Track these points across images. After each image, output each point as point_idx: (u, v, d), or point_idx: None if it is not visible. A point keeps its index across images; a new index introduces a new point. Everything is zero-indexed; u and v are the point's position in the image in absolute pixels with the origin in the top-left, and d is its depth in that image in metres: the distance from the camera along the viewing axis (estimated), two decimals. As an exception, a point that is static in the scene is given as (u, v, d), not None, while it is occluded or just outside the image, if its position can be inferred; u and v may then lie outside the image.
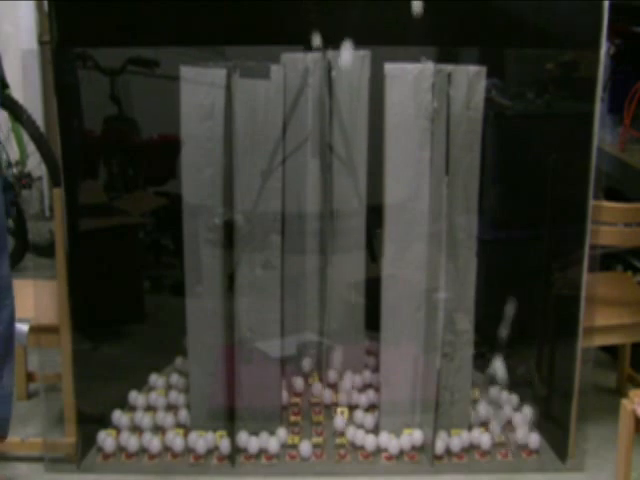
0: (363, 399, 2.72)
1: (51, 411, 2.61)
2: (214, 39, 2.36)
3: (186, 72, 2.43)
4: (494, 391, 2.77)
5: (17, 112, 3.88)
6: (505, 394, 2.76)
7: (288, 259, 2.65)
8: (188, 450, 2.53)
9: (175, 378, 2.81)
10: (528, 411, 2.64)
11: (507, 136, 2.87)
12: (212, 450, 2.53)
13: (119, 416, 2.65)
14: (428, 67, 2.41)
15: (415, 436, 2.54)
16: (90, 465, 2.49)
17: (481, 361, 2.82)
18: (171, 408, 2.71)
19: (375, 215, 2.64)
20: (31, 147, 3.96)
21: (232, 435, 2.49)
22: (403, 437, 2.54)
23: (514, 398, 2.74)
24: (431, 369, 2.49)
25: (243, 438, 2.53)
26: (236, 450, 2.50)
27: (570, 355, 2.42)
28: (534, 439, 2.55)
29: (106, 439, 2.52)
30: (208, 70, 2.41)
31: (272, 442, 2.52)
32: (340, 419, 2.62)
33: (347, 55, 2.28)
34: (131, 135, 3.08)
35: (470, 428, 2.59)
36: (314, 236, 2.82)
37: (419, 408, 2.59)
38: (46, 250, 3.64)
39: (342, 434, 2.60)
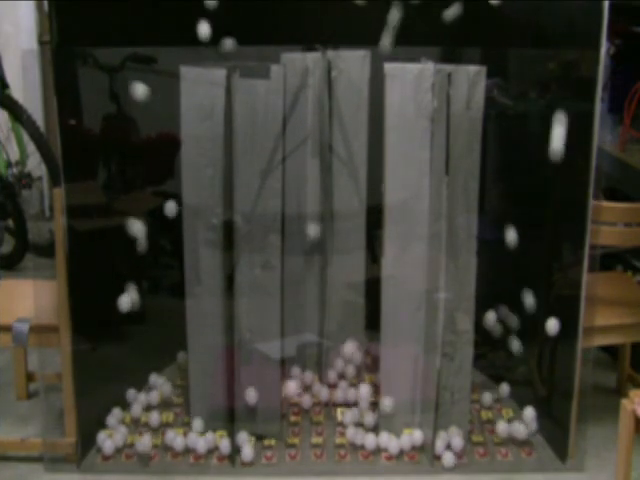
0: (363, 399, 2.73)
1: (51, 411, 2.61)
2: (214, 39, 2.36)
3: (186, 72, 2.43)
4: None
5: (17, 112, 3.88)
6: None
7: (288, 259, 2.65)
8: (188, 450, 2.53)
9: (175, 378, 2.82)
10: (529, 411, 2.63)
11: (508, 136, 2.87)
12: (212, 450, 2.53)
13: (119, 416, 2.66)
14: (428, 67, 2.41)
15: (415, 436, 2.54)
16: (90, 465, 2.49)
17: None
18: (171, 408, 2.72)
19: (375, 215, 2.64)
20: (31, 147, 3.96)
21: (232, 435, 2.49)
22: (403, 437, 2.54)
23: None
24: (431, 369, 2.49)
25: (243, 438, 2.53)
26: (236, 450, 2.50)
27: (570, 355, 2.42)
28: (534, 439, 2.55)
29: (106, 440, 2.52)
30: (208, 70, 2.41)
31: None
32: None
33: None
34: (130, 133, 3.08)
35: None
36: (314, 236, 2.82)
37: (419, 408, 2.59)
38: (46, 250, 3.63)
39: (342, 434, 2.61)
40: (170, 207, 2.52)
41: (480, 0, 2.29)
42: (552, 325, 2.42)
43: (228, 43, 2.35)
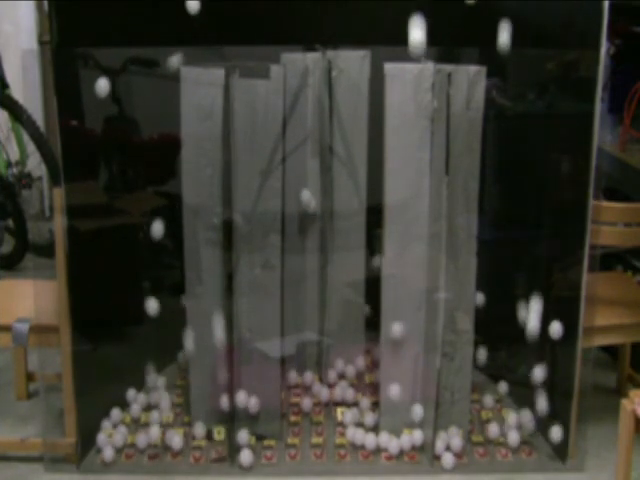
0: (363, 399, 2.73)
1: (51, 411, 2.61)
2: (214, 39, 2.36)
3: (186, 72, 2.43)
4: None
5: (17, 112, 3.88)
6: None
7: (288, 259, 2.65)
8: (188, 450, 2.53)
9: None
10: (526, 414, 2.63)
11: (507, 136, 2.87)
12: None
13: (119, 416, 2.66)
14: (428, 67, 2.41)
15: (415, 436, 2.54)
16: (90, 465, 2.49)
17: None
18: (171, 408, 2.72)
19: (375, 215, 2.64)
20: (31, 147, 3.96)
21: (232, 435, 2.49)
22: (403, 437, 2.54)
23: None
24: (431, 369, 2.49)
25: (243, 439, 2.52)
26: (236, 450, 2.50)
27: (570, 355, 2.42)
28: (534, 439, 2.55)
29: (106, 445, 2.51)
30: (208, 70, 2.41)
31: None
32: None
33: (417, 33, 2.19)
34: (131, 134, 3.08)
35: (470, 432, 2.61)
36: (314, 236, 2.82)
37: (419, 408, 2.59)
38: (46, 250, 3.64)
39: (342, 434, 2.61)
40: (157, 228, 2.49)
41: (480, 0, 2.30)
42: (556, 328, 2.42)
43: (174, 60, 2.35)
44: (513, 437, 2.56)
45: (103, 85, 2.37)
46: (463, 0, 2.24)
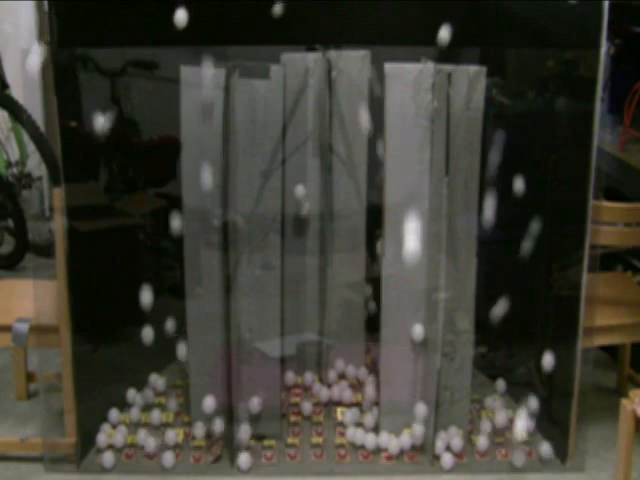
0: (363, 399, 2.72)
1: (51, 411, 2.61)
2: (214, 39, 2.36)
3: (186, 72, 2.43)
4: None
5: (17, 112, 3.88)
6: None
7: (288, 259, 2.65)
8: (188, 450, 2.53)
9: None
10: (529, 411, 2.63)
11: (507, 136, 2.86)
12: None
13: (118, 416, 2.66)
14: (428, 67, 2.41)
15: (415, 430, 2.54)
16: (90, 465, 2.49)
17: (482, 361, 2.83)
18: (171, 408, 2.72)
19: (375, 215, 2.64)
20: (31, 147, 3.96)
21: (231, 435, 2.49)
22: (403, 437, 2.54)
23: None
24: (431, 369, 2.49)
25: (242, 439, 2.52)
26: (236, 450, 2.50)
27: (570, 355, 2.42)
28: (534, 439, 2.55)
29: (105, 440, 2.52)
30: (208, 70, 2.41)
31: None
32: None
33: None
34: (131, 135, 3.08)
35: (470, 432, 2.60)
36: (314, 236, 2.82)
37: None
38: (46, 250, 3.64)
39: (342, 434, 2.61)
40: (146, 296, 2.50)
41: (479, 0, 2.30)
42: (548, 360, 2.43)
43: (99, 121, 2.41)
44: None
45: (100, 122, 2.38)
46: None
